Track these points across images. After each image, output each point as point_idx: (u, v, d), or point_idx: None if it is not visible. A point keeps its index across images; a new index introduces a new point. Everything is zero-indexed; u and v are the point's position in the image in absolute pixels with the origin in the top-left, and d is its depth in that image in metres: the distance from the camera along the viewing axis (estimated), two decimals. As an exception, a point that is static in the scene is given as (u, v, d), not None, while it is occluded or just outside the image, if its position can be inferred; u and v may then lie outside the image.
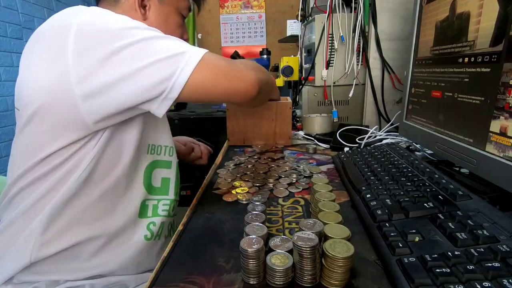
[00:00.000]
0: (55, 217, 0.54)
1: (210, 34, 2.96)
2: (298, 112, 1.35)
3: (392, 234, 0.39)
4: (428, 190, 0.48)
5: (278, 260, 0.35)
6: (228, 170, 0.74)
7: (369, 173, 0.59)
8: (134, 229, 0.61)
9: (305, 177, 0.67)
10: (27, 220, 0.55)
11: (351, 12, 1.09)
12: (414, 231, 0.38)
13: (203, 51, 0.51)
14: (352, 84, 1.11)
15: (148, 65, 0.47)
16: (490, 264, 0.30)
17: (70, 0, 2.33)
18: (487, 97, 0.49)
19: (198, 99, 0.54)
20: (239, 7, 2.89)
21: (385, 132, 0.93)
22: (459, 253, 0.33)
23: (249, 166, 0.75)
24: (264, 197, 0.57)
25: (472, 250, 0.33)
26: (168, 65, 0.48)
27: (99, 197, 0.56)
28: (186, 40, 0.66)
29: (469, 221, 0.38)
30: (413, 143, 0.82)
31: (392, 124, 0.93)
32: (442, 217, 0.40)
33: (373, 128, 0.95)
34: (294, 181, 0.65)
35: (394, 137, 0.89)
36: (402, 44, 1.02)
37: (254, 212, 0.45)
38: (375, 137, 0.91)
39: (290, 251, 0.36)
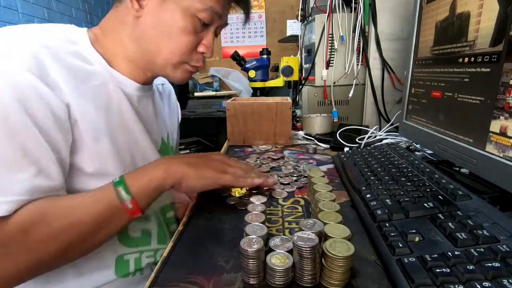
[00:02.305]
0: None
1: (210, 34, 2.97)
2: (298, 112, 1.35)
3: (392, 234, 0.38)
4: (428, 190, 0.48)
5: (278, 260, 0.35)
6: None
7: (369, 173, 0.59)
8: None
9: (305, 177, 0.67)
10: None
11: (351, 12, 1.09)
12: (414, 231, 0.38)
13: (14, 199, 0.41)
14: (352, 84, 1.11)
15: None
16: (490, 264, 0.30)
17: (70, 0, 2.33)
18: (487, 97, 0.49)
19: None
20: (239, 7, 2.89)
21: (385, 132, 0.93)
22: (459, 253, 0.33)
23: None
24: (264, 197, 0.57)
25: (472, 250, 0.33)
26: None
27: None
28: (205, 52, 0.58)
29: (469, 221, 0.38)
30: (413, 143, 0.82)
31: (392, 124, 0.93)
32: (442, 217, 0.40)
33: (373, 128, 0.95)
34: (294, 181, 0.65)
35: (394, 137, 0.89)
36: (402, 44, 1.02)
37: (254, 212, 0.45)
38: (375, 137, 0.91)
39: (290, 251, 0.36)
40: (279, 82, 1.38)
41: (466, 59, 0.54)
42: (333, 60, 1.13)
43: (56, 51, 0.48)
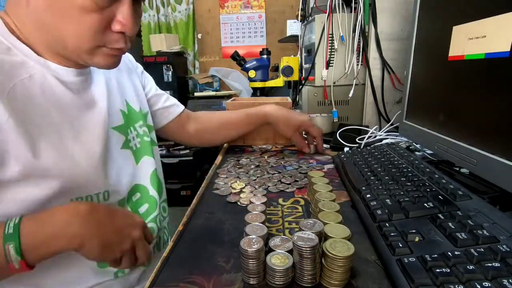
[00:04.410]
0: None
1: (210, 34, 2.96)
2: (298, 112, 1.35)
3: (392, 234, 0.39)
4: (428, 190, 0.48)
5: (278, 260, 0.35)
6: (228, 170, 0.74)
7: (369, 173, 0.59)
8: (96, 284, 0.54)
9: (305, 177, 0.67)
10: None
11: (351, 12, 1.09)
12: (414, 231, 0.38)
13: None
14: (352, 84, 1.11)
15: None
16: (490, 264, 0.30)
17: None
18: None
19: None
20: (239, 7, 2.89)
21: (385, 132, 0.93)
22: (459, 253, 0.33)
23: (249, 166, 0.75)
24: (264, 197, 0.57)
25: (472, 250, 0.33)
26: None
27: None
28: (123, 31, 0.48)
29: (469, 221, 0.38)
30: (413, 143, 0.82)
31: (392, 124, 0.93)
32: (442, 217, 0.40)
33: (373, 128, 0.95)
34: (294, 181, 0.65)
35: (394, 137, 0.89)
36: (402, 44, 1.02)
37: (254, 212, 0.45)
38: (375, 137, 0.91)
39: (290, 251, 0.36)
40: (279, 82, 1.38)
41: (466, 59, 0.54)
42: (333, 60, 1.13)
43: None
